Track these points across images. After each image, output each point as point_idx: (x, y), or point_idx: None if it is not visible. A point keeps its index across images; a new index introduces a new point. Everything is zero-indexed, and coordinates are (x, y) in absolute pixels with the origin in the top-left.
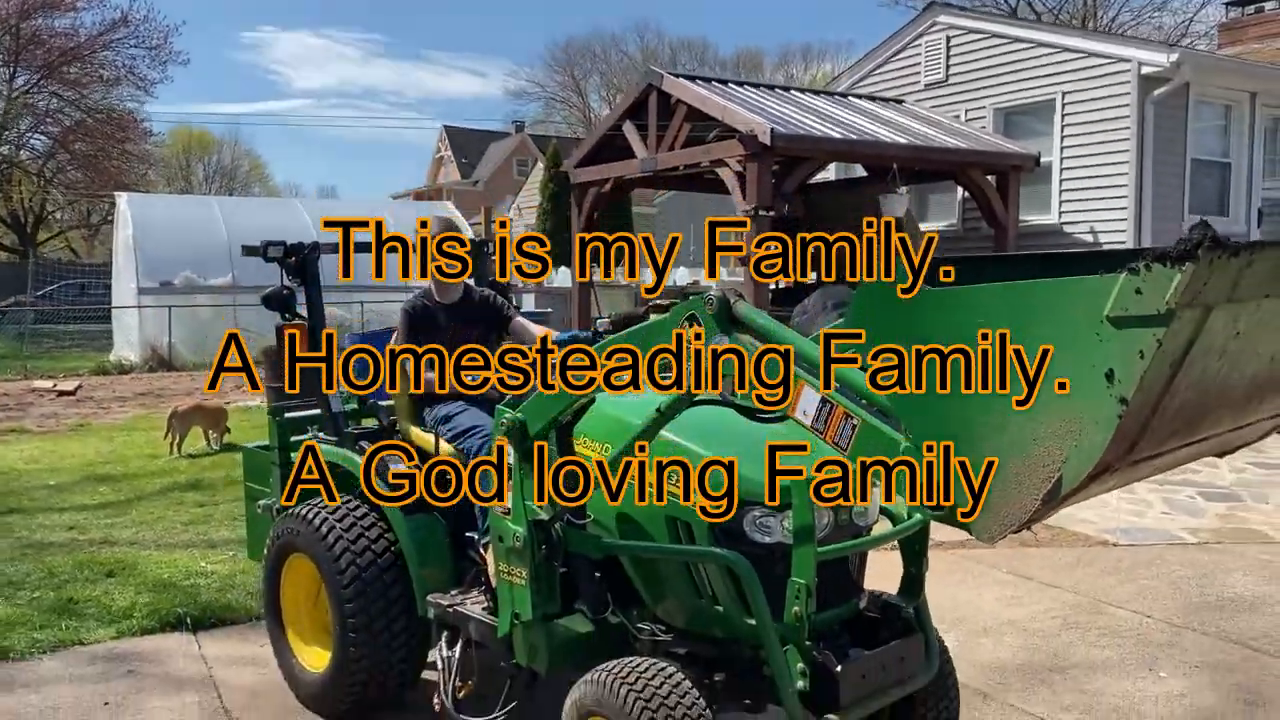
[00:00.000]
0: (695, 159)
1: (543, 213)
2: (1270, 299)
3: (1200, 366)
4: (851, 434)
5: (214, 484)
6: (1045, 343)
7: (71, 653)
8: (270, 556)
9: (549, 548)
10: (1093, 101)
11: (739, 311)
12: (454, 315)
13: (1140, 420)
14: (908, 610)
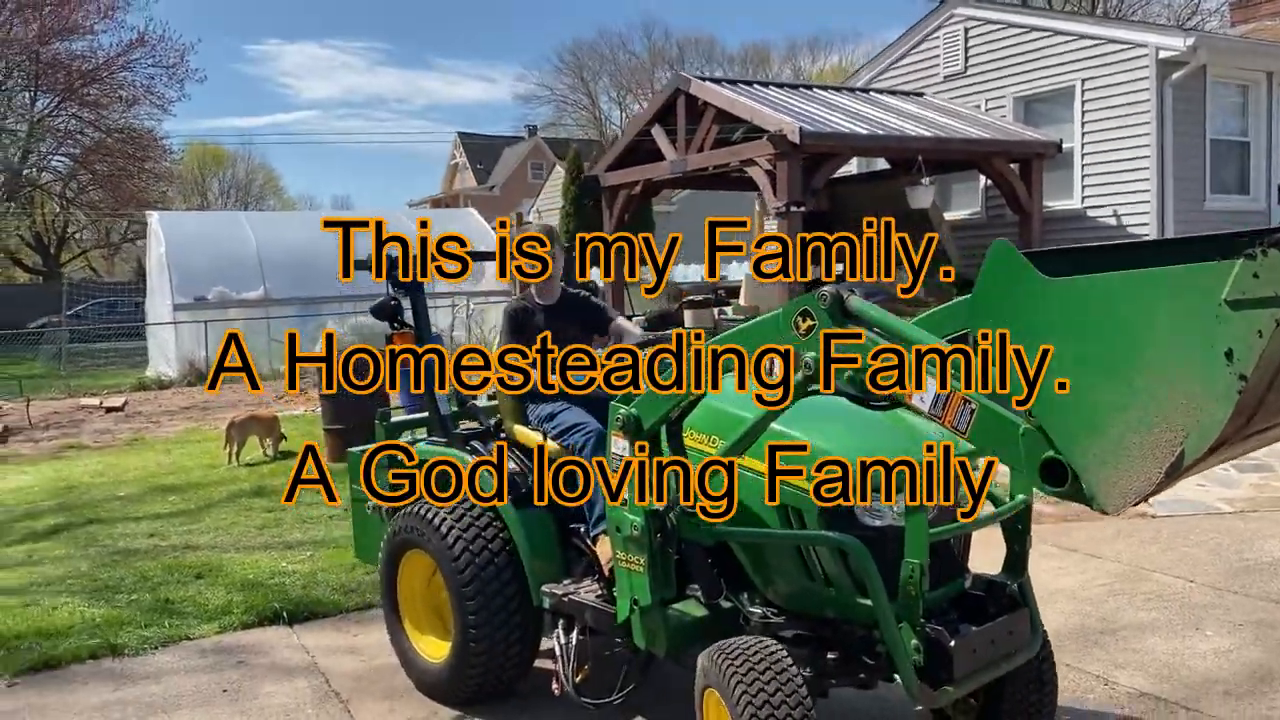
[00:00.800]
0: (725, 159)
1: (565, 215)
2: None
3: None
4: (970, 418)
5: (277, 490)
6: (1166, 326)
7: (181, 647)
8: (387, 553)
9: (664, 536)
10: (1112, 87)
11: (852, 306)
12: (553, 315)
13: (1257, 396)
14: (1012, 587)
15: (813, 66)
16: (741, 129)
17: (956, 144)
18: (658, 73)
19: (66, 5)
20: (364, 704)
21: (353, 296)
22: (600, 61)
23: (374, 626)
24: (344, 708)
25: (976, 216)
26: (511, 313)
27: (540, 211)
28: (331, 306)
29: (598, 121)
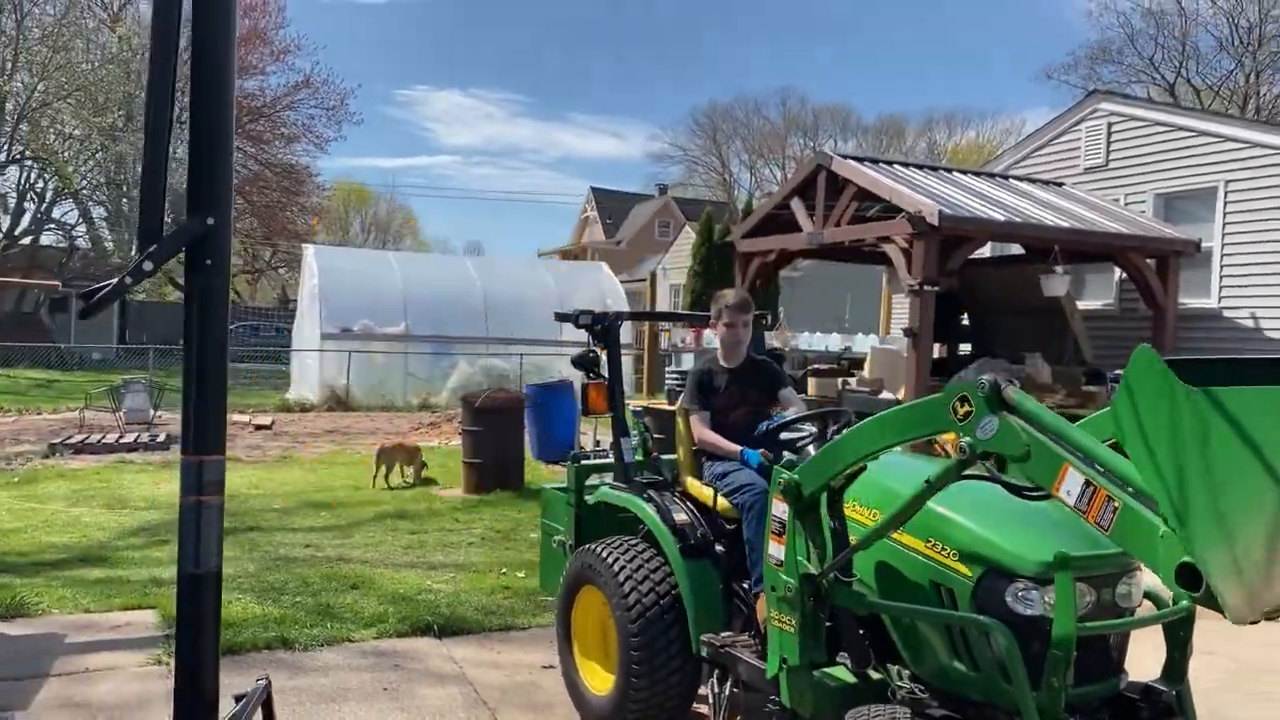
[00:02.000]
0: (861, 235)
1: (693, 274)
2: None
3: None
4: (1113, 516)
5: (419, 514)
6: None
7: (343, 648)
8: (565, 586)
9: (817, 600)
10: (1255, 190)
11: (1009, 396)
12: (735, 379)
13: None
14: (1169, 693)
15: (948, 140)
16: (877, 206)
17: (1093, 236)
18: (791, 139)
19: (244, 47)
20: (509, 713)
21: (484, 339)
22: (734, 125)
23: (515, 646)
24: (491, 714)
25: (1110, 308)
26: (697, 374)
27: (667, 269)
28: (465, 346)
29: (726, 184)
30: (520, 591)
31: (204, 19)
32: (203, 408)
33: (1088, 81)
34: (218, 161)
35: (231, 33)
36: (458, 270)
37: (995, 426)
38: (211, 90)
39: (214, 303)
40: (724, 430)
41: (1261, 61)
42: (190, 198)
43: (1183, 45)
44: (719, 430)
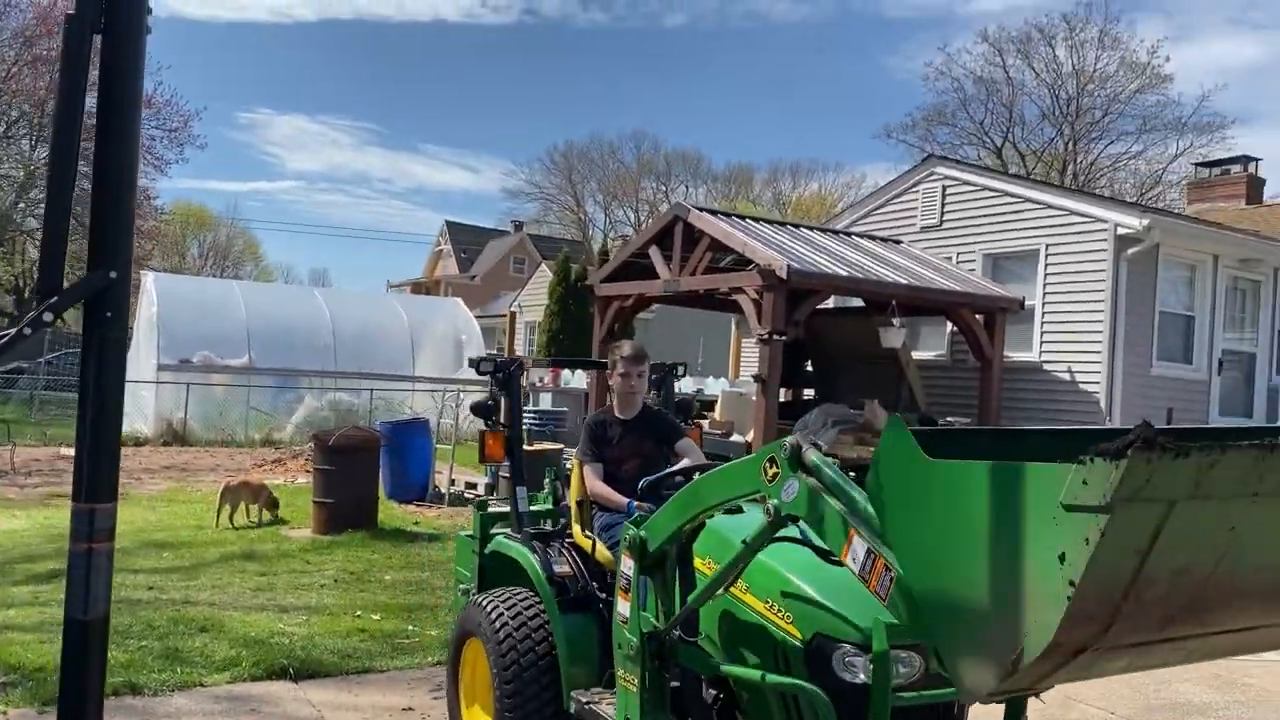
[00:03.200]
0: (715, 285)
1: (550, 314)
2: (1264, 499)
3: (1182, 560)
4: (890, 585)
5: (268, 555)
6: (1018, 521)
7: (196, 692)
8: (454, 636)
9: (661, 659)
10: (1073, 254)
11: (808, 459)
12: (629, 431)
13: (1106, 605)
14: None
15: (793, 191)
16: (730, 257)
17: (928, 292)
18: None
19: None
20: None
21: (333, 373)
22: (589, 166)
23: (374, 688)
24: None
25: (942, 359)
26: (590, 425)
27: (523, 307)
28: (312, 380)
29: (581, 223)
30: (377, 634)
31: (108, 80)
32: (97, 456)
33: (924, 142)
34: (120, 217)
35: (137, 96)
36: (306, 301)
37: (796, 490)
38: (114, 150)
39: (112, 353)
40: (616, 482)
41: (1079, 131)
42: (92, 252)
43: (1010, 112)
44: (611, 482)
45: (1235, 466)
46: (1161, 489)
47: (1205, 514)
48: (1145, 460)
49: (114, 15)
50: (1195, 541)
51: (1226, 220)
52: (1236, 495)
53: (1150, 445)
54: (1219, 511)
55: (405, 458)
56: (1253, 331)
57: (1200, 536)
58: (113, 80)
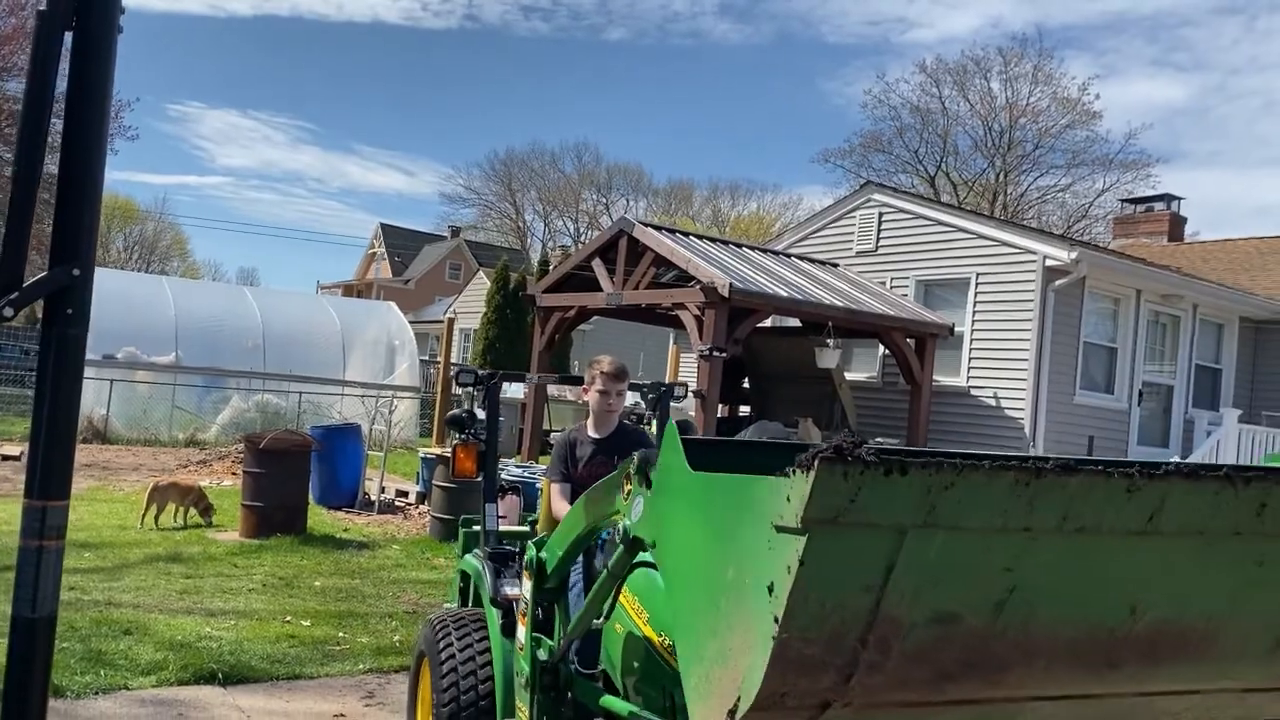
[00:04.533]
0: (658, 299)
1: (487, 321)
2: (1046, 536)
3: (944, 604)
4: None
5: (193, 558)
6: (743, 542)
7: (121, 696)
8: (414, 657)
9: (555, 690)
10: (1002, 283)
11: (653, 475)
12: (600, 449)
13: (834, 651)
14: None
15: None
16: (673, 273)
17: (863, 315)
18: (585, 193)
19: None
20: None
21: (261, 373)
22: (529, 175)
23: (305, 694)
24: None
25: (874, 381)
26: (559, 444)
27: (458, 313)
28: (240, 381)
29: (520, 231)
30: (307, 640)
31: (78, 78)
32: (51, 454)
33: (860, 168)
34: (84, 215)
35: (107, 95)
36: (236, 300)
37: (640, 509)
38: (82, 147)
39: (71, 351)
40: None
41: (1010, 163)
42: (54, 249)
43: (944, 142)
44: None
45: (984, 492)
46: (879, 512)
47: (962, 550)
48: (840, 474)
49: (86, 13)
50: (957, 583)
51: (1149, 256)
52: (1001, 529)
53: (841, 455)
54: (982, 548)
55: (336, 463)
56: (1171, 364)
57: (963, 578)
58: (83, 78)
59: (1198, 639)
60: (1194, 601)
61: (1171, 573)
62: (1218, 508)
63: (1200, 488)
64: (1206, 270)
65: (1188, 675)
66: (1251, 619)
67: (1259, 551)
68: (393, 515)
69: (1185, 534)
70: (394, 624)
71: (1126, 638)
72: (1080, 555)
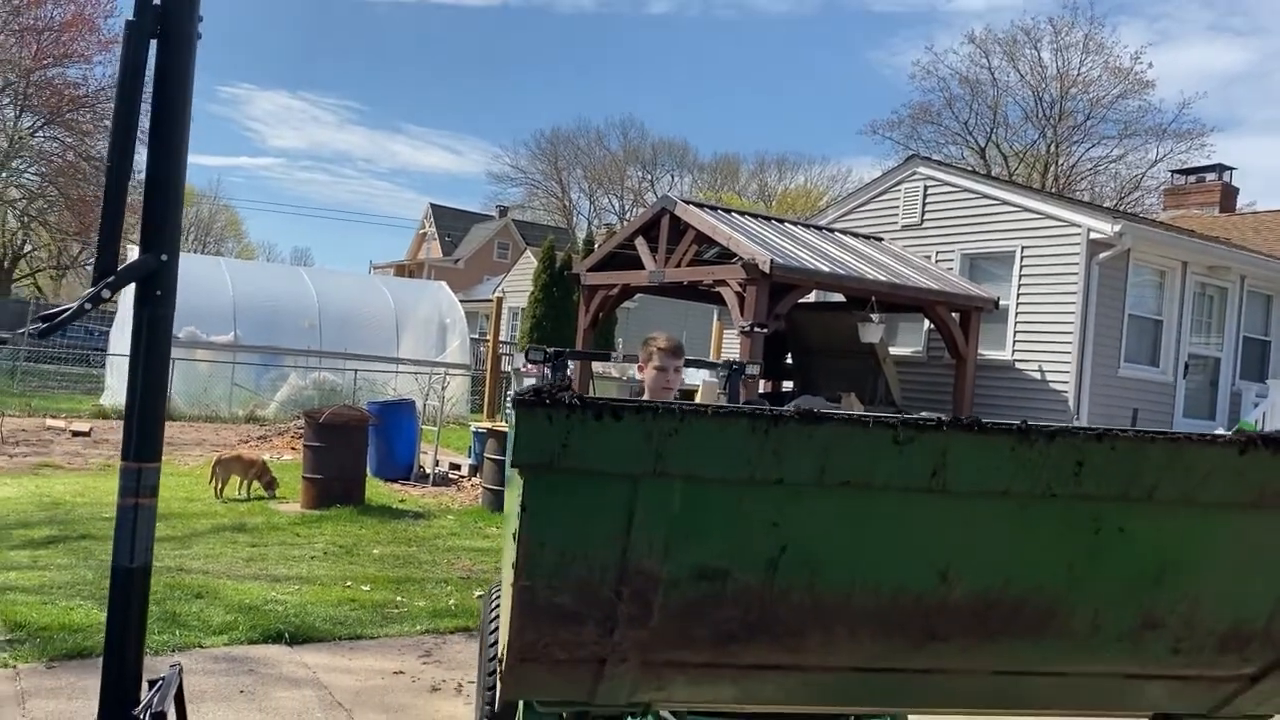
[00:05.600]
0: (700, 276)
1: (534, 300)
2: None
3: (706, 559)
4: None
5: (258, 528)
6: (511, 492)
7: (195, 653)
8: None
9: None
10: (1047, 257)
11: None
12: None
13: (585, 601)
14: None
15: (779, 183)
16: (715, 250)
17: (907, 290)
18: (630, 171)
19: (68, 33)
20: (364, 713)
21: (317, 352)
22: (575, 153)
23: (366, 654)
24: (348, 715)
25: (918, 355)
26: None
27: (506, 293)
28: (296, 359)
29: (566, 210)
30: (366, 604)
31: (162, 81)
32: (145, 421)
33: (909, 140)
34: (170, 205)
35: (188, 95)
36: (292, 280)
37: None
38: (167, 144)
39: (161, 329)
40: None
41: (1061, 134)
42: (144, 235)
43: (994, 113)
44: None
45: (715, 440)
46: (600, 459)
47: (710, 502)
48: (544, 417)
49: (169, 22)
50: (715, 538)
51: (1199, 227)
52: (749, 480)
53: (540, 399)
54: (734, 500)
55: (391, 437)
56: (1218, 337)
57: (720, 532)
58: (167, 81)
59: (1037, 614)
60: (1021, 571)
61: (980, 538)
62: (1018, 466)
63: (987, 443)
64: (1258, 241)
65: (1038, 655)
66: (1104, 594)
67: (1091, 517)
68: (446, 487)
69: (984, 494)
70: (449, 589)
71: (944, 607)
72: (857, 513)
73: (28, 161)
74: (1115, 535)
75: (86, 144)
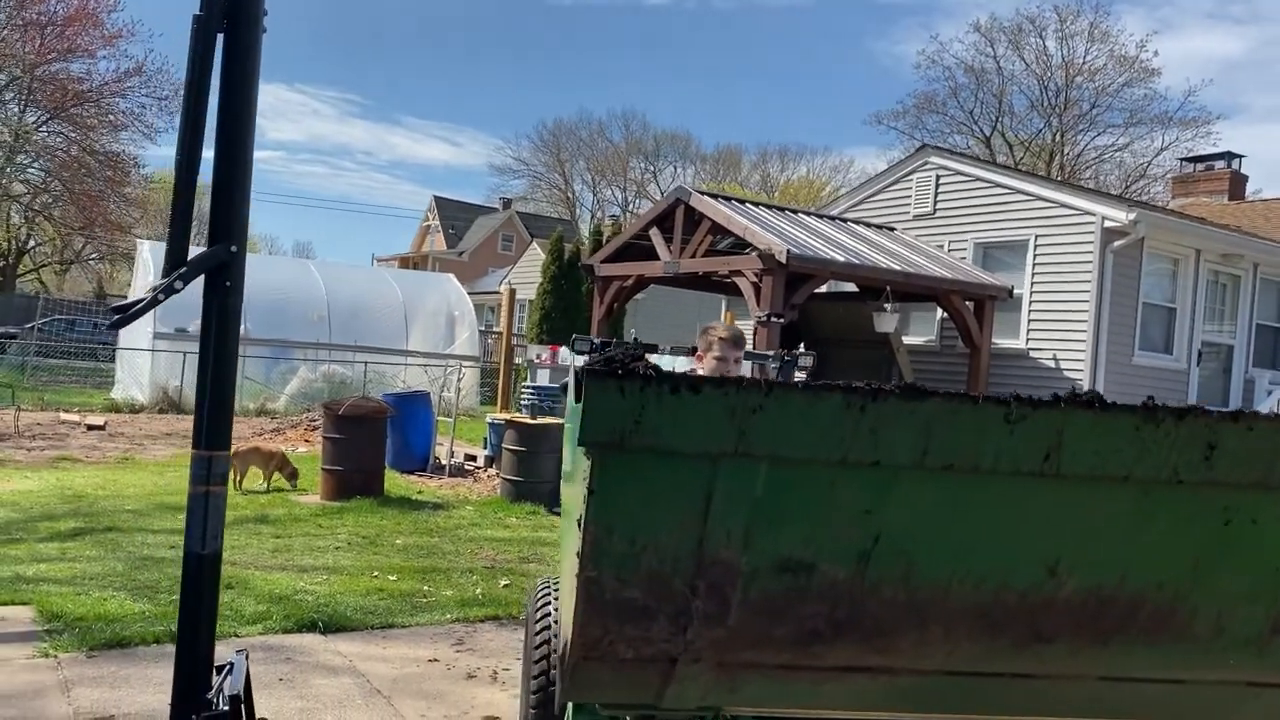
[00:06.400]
0: (715, 267)
1: (542, 292)
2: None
3: (793, 550)
4: None
5: (280, 519)
6: (575, 475)
7: (230, 642)
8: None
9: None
10: (1061, 245)
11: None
12: None
13: (657, 594)
14: None
15: (781, 174)
16: (728, 240)
17: (920, 279)
18: (633, 162)
19: (71, 27)
20: (403, 700)
21: (327, 345)
22: (578, 144)
23: (399, 642)
24: (387, 701)
25: (932, 344)
26: None
27: (511, 283)
28: (306, 352)
29: (569, 201)
30: (395, 594)
31: (228, 75)
32: (215, 410)
33: (914, 129)
34: (238, 197)
35: (254, 90)
36: (300, 273)
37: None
38: (235, 135)
39: (230, 319)
40: None
41: (1067, 122)
42: (212, 227)
43: (999, 102)
44: None
45: (805, 417)
46: (676, 437)
47: (798, 486)
48: (615, 390)
49: (235, 16)
50: (801, 526)
51: (1209, 215)
52: (841, 462)
53: (613, 369)
54: (825, 485)
55: (407, 429)
56: (1231, 324)
57: (808, 519)
58: (233, 75)
59: (1156, 613)
60: (1140, 566)
61: (1095, 528)
62: (1142, 448)
63: (1108, 422)
64: (1269, 229)
65: (1154, 659)
66: (1231, 592)
67: (1222, 506)
68: (463, 478)
69: (1102, 480)
70: (474, 578)
71: (1050, 605)
72: (960, 500)
73: (32, 156)
74: (1247, 528)
75: (90, 139)
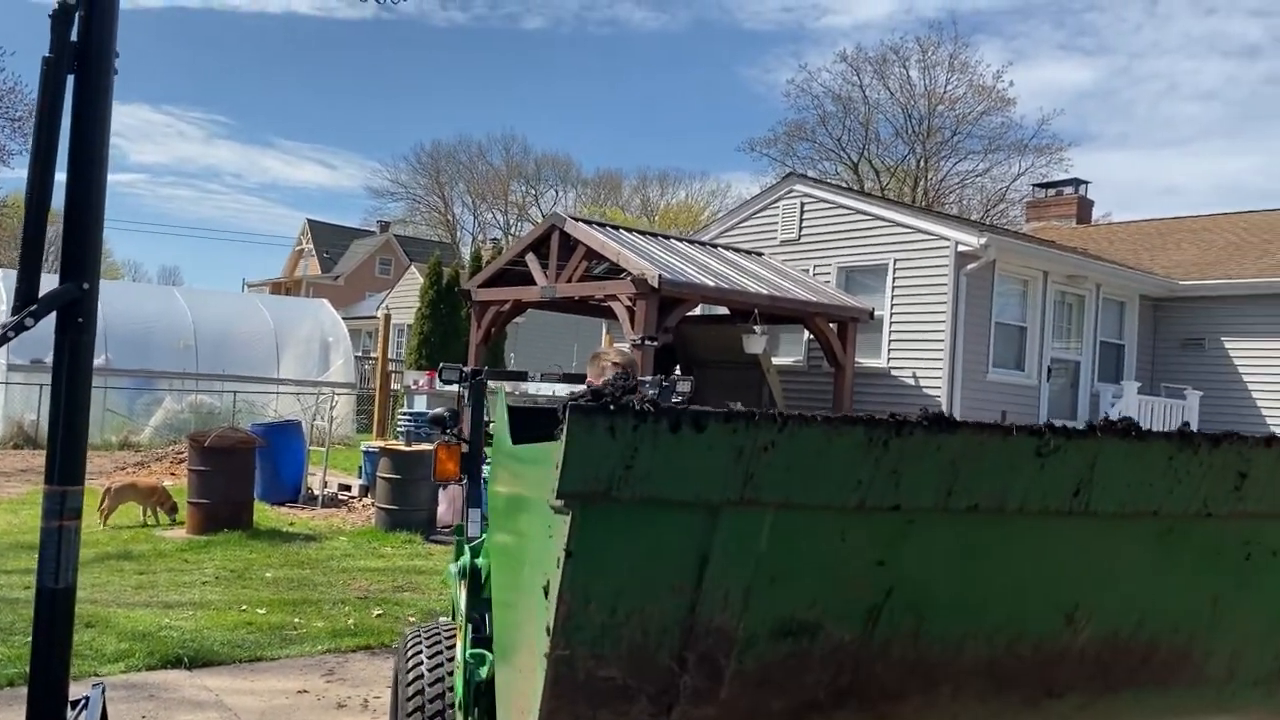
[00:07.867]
0: (591, 292)
1: (421, 317)
2: (926, 517)
3: (794, 610)
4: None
5: (144, 555)
6: (533, 531)
7: (90, 682)
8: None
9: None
10: (918, 268)
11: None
12: None
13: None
14: None
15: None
16: (604, 265)
17: (787, 302)
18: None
19: None
20: None
21: (194, 374)
22: (457, 167)
23: (267, 675)
24: None
25: (799, 365)
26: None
27: (390, 307)
28: (171, 382)
29: (450, 225)
30: (264, 626)
31: (83, 105)
32: (68, 445)
33: (786, 156)
34: (91, 233)
35: (106, 128)
36: (165, 300)
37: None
38: (87, 170)
39: (83, 355)
40: None
41: (930, 149)
42: (65, 264)
43: (866, 130)
44: None
45: (822, 456)
46: (672, 483)
47: (806, 536)
48: (604, 429)
49: (85, 59)
50: (807, 582)
51: (1059, 238)
52: (859, 508)
53: (602, 402)
54: (835, 534)
55: (277, 460)
56: (1078, 342)
57: (815, 575)
58: (85, 116)
59: (1170, 658)
60: (1158, 607)
61: (1119, 569)
62: (1174, 479)
63: (1143, 451)
64: (1112, 251)
65: (1163, 707)
66: (1246, 631)
67: (1245, 539)
68: (336, 509)
69: (1131, 515)
70: (347, 609)
71: (1065, 655)
72: (979, 544)
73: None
74: (1266, 560)
75: None
